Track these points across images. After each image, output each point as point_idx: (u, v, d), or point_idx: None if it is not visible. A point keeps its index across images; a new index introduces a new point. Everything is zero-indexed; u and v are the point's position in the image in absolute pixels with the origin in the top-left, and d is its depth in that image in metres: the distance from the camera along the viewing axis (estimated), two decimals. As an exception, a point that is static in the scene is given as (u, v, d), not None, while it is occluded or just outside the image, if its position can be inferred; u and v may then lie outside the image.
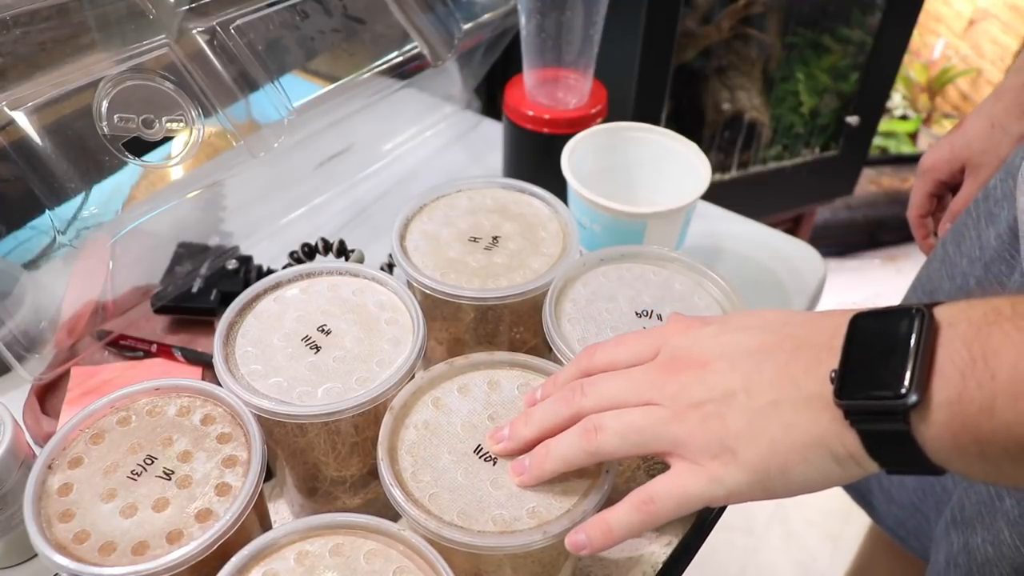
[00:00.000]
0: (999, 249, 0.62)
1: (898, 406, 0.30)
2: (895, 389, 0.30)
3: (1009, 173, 0.63)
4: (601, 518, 0.38)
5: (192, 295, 0.62)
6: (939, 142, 0.75)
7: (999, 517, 0.54)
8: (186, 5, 0.60)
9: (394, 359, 0.47)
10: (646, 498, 0.37)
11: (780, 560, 1.42)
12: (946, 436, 0.30)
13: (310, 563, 0.38)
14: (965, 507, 0.58)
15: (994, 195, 0.65)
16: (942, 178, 0.75)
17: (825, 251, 0.86)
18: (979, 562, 0.55)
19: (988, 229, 0.64)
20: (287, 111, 0.63)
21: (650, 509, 0.37)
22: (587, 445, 0.38)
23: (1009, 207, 0.62)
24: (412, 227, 0.56)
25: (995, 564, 0.54)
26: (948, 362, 0.30)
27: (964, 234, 0.68)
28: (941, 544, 0.61)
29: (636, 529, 0.37)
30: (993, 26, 2.08)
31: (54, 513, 0.39)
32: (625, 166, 0.70)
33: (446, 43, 0.75)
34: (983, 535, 0.55)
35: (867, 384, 0.31)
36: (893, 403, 0.30)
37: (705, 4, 1.41)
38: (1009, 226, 0.61)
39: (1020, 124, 0.69)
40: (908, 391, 0.30)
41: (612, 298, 0.51)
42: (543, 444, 0.40)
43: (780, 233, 0.79)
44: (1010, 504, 0.53)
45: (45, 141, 0.52)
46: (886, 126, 2.15)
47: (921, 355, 0.30)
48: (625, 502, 0.38)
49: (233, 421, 0.43)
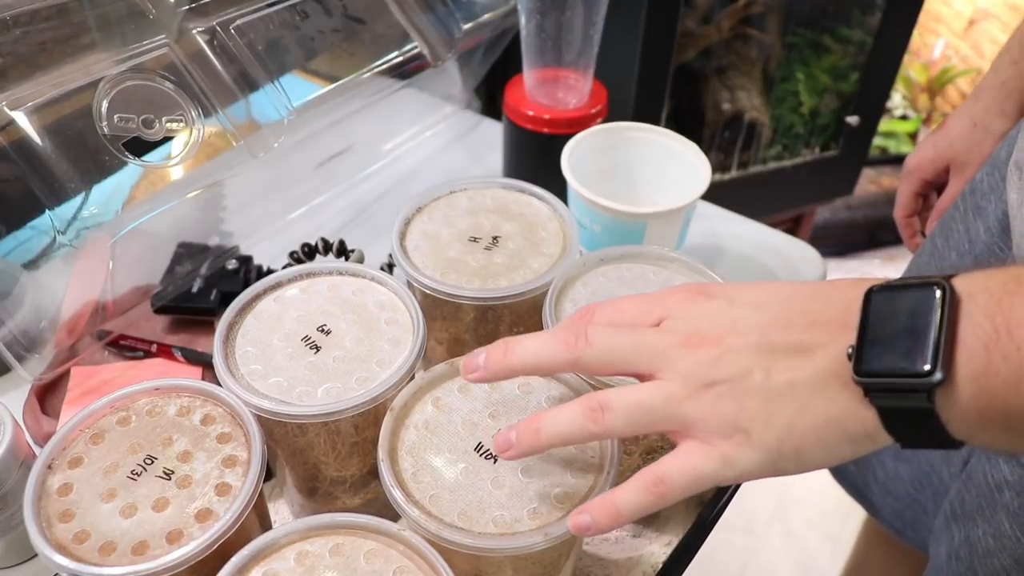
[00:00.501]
0: (988, 243, 0.62)
1: (923, 384, 0.29)
2: (918, 366, 0.29)
3: (995, 167, 0.64)
4: (607, 498, 0.36)
5: (192, 295, 0.62)
6: (923, 143, 0.76)
7: (999, 509, 0.54)
8: (186, 5, 0.60)
9: (394, 359, 0.47)
10: (655, 479, 0.35)
11: (780, 560, 1.42)
12: (971, 412, 0.29)
13: (310, 563, 0.38)
14: (965, 500, 0.58)
15: (981, 188, 0.65)
16: (927, 178, 0.76)
17: (825, 251, 0.86)
18: (980, 554, 0.55)
19: (976, 223, 0.64)
20: (287, 111, 0.63)
21: (660, 490, 0.35)
22: (592, 425, 0.36)
23: (996, 200, 0.62)
24: (412, 227, 0.56)
25: (996, 555, 0.54)
26: (971, 336, 0.29)
27: (952, 228, 0.68)
28: (942, 538, 0.61)
29: (644, 510, 0.36)
30: (993, 26, 2.08)
31: (54, 513, 0.39)
32: (625, 166, 0.70)
33: (446, 43, 0.75)
34: (984, 527, 0.55)
35: (888, 361, 0.30)
36: (917, 381, 0.30)
37: (705, 4, 1.41)
38: (997, 219, 0.61)
39: (1001, 122, 0.70)
40: (933, 369, 0.29)
41: (612, 298, 0.51)
42: (533, 418, 0.38)
43: (780, 233, 0.79)
44: (1009, 496, 0.53)
45: (45, 141, 0.52)
46: (886, 126, 2.15)
47: (945, 331, 0.29)
48: (633, 482, 0.36)
49: (233, 421, 0.43)
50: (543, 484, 0.41)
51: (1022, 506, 0.52)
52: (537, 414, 0.38)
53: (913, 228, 0.80)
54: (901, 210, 0.80)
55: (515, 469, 0.41)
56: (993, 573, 0.54)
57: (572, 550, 0.44)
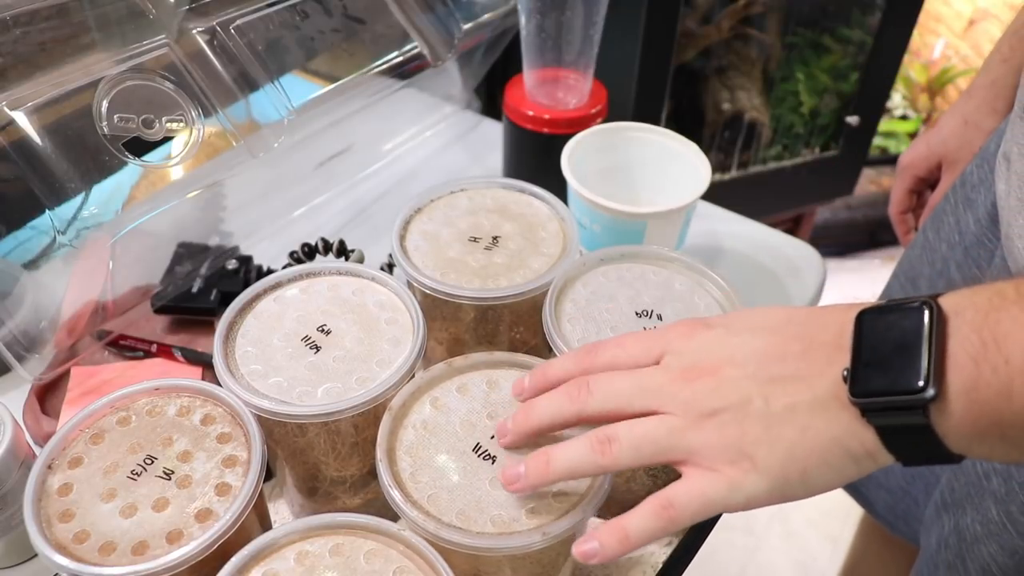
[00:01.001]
0: (978, 234, 0.63)
1: (916, 401, 0.30)
2: (912, 384, 0.30)
3: (984, 159, 0.65)
4: (617, 524, 0.37)
5: (192, 295, 0.62)
6: (916, 140, 0.78)
7: (987, 496, 0.55)
8: (186, 5, 0.61)
9: (394, 359, 0.47)
10: (665, 503, 0.36)
11: (780, 560, 1.42)
12: (965, 424, 0.30)
13: (310, 563, 0.38)
14: (955, 489, 0.59)
15: (971, 180, 0.66)
16: (920, 175, 0.78)
17: (825, 251, 0.87)
18: (968, 542, 0.56)
19: (966, 214, 0.65)
20: (287, 111, 0.63)
21: (670, 515, 0.36)
22: (600, 459, 0.37)
23: (986, 192, 0.63)
24: (412, 227, 0.56)
25: (983, 542, 0.55)
26: (960, 351, 0.30)
27: (943, 220, 0.69)
28: (932, 527, 0.62)
29: (655, 535, 0.36)
30: (993, 26, 2.08)
31: (54, 513, 0.39)
32: (625, 166, 0.70)
33: (446, 43, 0.75)
34: (972, 515, 0.56)
35: (882, 381, 0.31)
36: (911, 398, 0.30)
37: (705, 4, 1.41)
38: (987, 211, 0.62)
39: (992, 119, 0.71)
40: (926, 385, 0.30)
41: (612, 298, 0.51)
42: (542, 451, 0.39)
43: (780, 233, 0.79)
44: (997, 483, 0.54)
45: (45, 141, 0.52)
46: (886, 126, 2.15)
47: (934, 348, 0.30)
48: (642, 507, 0.37)
49: (233, 421, 0.43)
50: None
51: (1009, 492, 0.52)
52: (545, 448, 0.39)
53: (907, 224, 0.82)
54: (895, 207, 0.82)
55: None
56: (981, 560, 0.55)
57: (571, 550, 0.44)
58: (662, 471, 0.49)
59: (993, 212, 0.61)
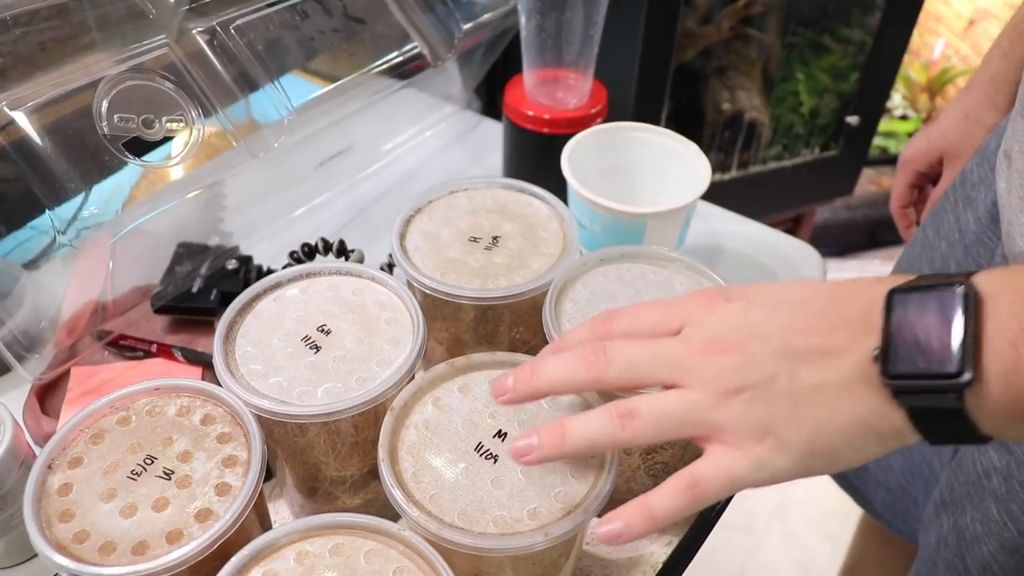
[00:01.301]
0: (978, 232, 0.63)
1: (952, 385, 0.30)
2: (947, 367, 0.30)
3: (984, 157, 0.65)
4: (643, 503, 0.36)
5: (192, 295, 0.62)
6: (916, 135, 0.79)
7: (987, 495, 0.54)
8: (186, 5, 0.60)
9: (394, 359, 0.47)
10: (692, 481, 0.35)
11: (780, 560, 1.42)
12: (1001, 408, 0.30)
13: (310, 563, 0.38)
14: (954, 488, 0.59)
15: (971, 179, 0.66)
16: (921, 169, 0.78)
17: (825, 251, 0.87)
18: (968, 540, 0.56)
19: (966, 213, 0.65)
20: (287, 111, 0.63)
21: (696, 492, 0.35)
22: (620, 432, 0.36)
23: (986, 191, 0.63)
24: (412, 227, 0.56)
25: (983, 541, 0.54)
26: (997, 334, 0.30)
27: (943, 218, 0.69)
28: (931, 526, 0.62)
29: (680, 513, 0.36)
30: (993, 26, 2.08)
31: (54, 513, 0.39)
32: (625, 166, 0.70)
33: (446, 43, 0.75)
34: (972, 514, 0.56)
35: (915, 362, 0.31)
36: (947, 383, 0.30)
37: (705, 4, 1.41)
38: (987, 209, 0.62)
39: (992, 114, 0.72)
40: (962, 369, 0.30)
41: (612, 298, 0.51)
42: (557, 423, 0.37)
43: (780, 233, 0.79)
44: (997, 482, 0.54)
45: (45, 141, 0.52)
46: (886, 126, 2.15)
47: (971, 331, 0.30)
48: (667, 486, 0.36)
49: (233, 421, 0.43)
50: (543, 484, 0.41)
51: (1009, 491, 0.52)
52: (561, 419, 0.38)
53: (908, 219, 0.83)
54: (896, 201, 0.82)
55: (515, 469, 0.41)
56: (980, 558, 0.55)
57: (572, 550, 0.44)
58: (662, 471, 0.49)
59: (993, 211, 0.61)
